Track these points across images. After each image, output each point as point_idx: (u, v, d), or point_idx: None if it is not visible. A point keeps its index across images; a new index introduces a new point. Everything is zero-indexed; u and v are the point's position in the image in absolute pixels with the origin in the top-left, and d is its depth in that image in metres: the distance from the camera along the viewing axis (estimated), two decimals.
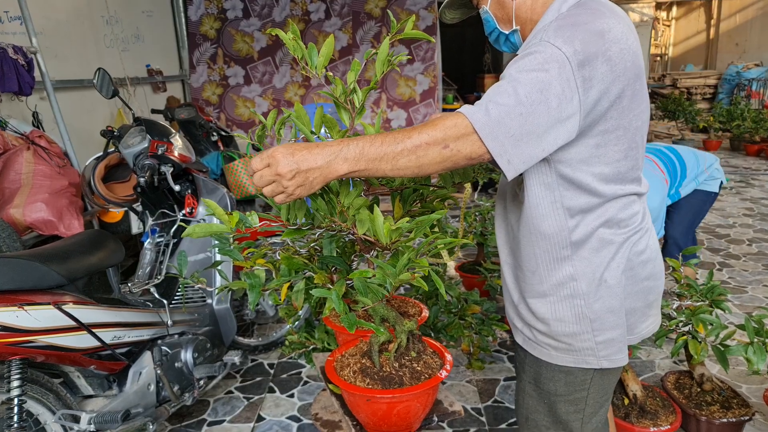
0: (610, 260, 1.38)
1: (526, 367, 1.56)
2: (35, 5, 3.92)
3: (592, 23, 1.24)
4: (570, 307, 1.40)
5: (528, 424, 1.60)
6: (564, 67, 1.18)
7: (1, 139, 3.34)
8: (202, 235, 1.27)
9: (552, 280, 1.41)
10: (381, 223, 1.27)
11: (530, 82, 1.17)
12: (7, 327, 1.76)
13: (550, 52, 1.19)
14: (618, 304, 1.40)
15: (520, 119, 1.16)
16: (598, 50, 1.20)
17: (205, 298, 2.72)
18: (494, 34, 1.52)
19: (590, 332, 1.40)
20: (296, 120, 1.40)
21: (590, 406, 1.51)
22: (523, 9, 1.41)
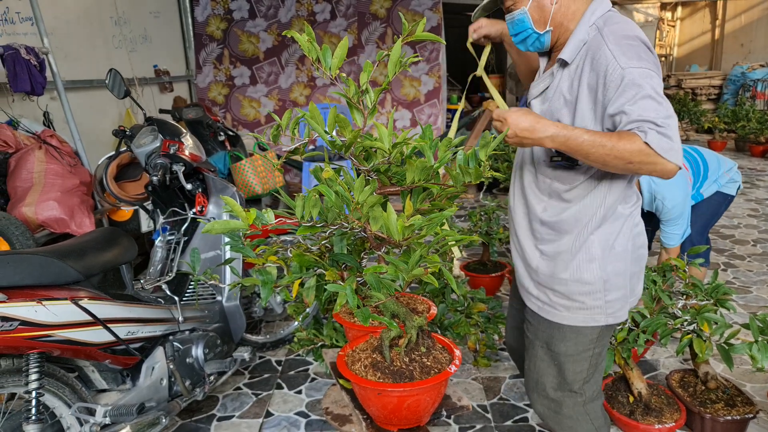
0: (619, 230, 1.67)
1: (539, 333, 1.80)
2: (46, 6, 3.97)
3: (634, 33, 1.55)
4: (588, 269, 1.67)
5: (537, 387, 1.84)
6: (652, 77, 1.46)
7: (13, 139, 3.39)
8: (220, 231, 1.31)
9: (576, 246, 1.67)
10: (394, 220, 1.31)
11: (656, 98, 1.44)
12: (26, 321, 1.80)
13: (638, 73, 1.45)
14: (623, 267, 1.69)
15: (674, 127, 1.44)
16: (652, 55, 1.52)
17: (215, 296, 2.76)
18: (525, 33, 1.67)
19: (602, 291, 1.68)
20: (310, 120, 1.44)
21: (591, 366, 1.78)
22: (559, 13, 1.62)
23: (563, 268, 1.70)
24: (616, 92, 1.47)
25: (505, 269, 4.05)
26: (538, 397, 1.87)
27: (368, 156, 1.60)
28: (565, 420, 1.83)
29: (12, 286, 1.86)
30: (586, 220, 1.67)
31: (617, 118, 1.48)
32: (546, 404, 1.85)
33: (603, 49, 1.51)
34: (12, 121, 3.59)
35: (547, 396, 1.84)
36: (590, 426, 1.84)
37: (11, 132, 3.40)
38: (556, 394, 1.82)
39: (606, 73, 1.49)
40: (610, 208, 1.65)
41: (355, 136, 1.41)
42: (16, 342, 1.79)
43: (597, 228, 1.67)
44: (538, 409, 1.89)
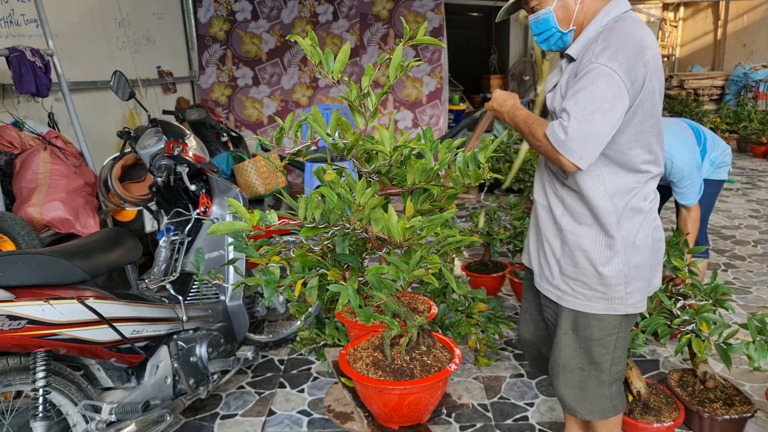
0: (640, 225, 1.78)
1: (562, 321, 1.90)
2: (51, 8, 4.00)
3: (633, 33, 1.62)
4: (610, 262, 1.77)
5: (564, 369, 1.94)
6: (612, 78, 1.56)
7: (18, 140, 3.42)
8: (225, 232, 1.34)
9: (599, 239, 1.77)
10: (395, 221, 1.34)
11: (588, 102, 1.57)
12: (33, 320, 1.83)
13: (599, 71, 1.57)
14: (644, 261, 1.81)
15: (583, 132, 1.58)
16: (638, 58, 1.59)
17: (218, 295, 2.79)
18: (548, 33, 1.77)
19: (623, 284, 1.78)
20: (313, 123, 1.46)
21: (618, 349, 1.88)
22: (582, 13, 1.72)
23: (586, 261, 1.80)
24: (577, 78, 1.63)
25: (505, 269, 4.08)
26: (564, 379, 1.96)
27: (370, 158, 1.62)
28: (588, 398, 1.94)
29: (20, 286, 1.89)
30: (606, 213, 1.76)
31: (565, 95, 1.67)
32: (571, 384, 1.95)
33: (594, 44, 1.64)
34: (17, 123, 3.62)
35: (573, 377, 1.93)
36: (609, 403, 1.95)
37: (16, 133, 3.44)
38: (582, 374, 1.92)
39: (583, 62, 1.64)
40: (622, 206, 1.76)
41: (357, 138, 1.44)
42: (23, 340, 1.82)
43: (618, 223, 1.76)
44: (562, 392, 1.98)
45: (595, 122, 1.56)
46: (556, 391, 2.01)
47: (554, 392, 2.04)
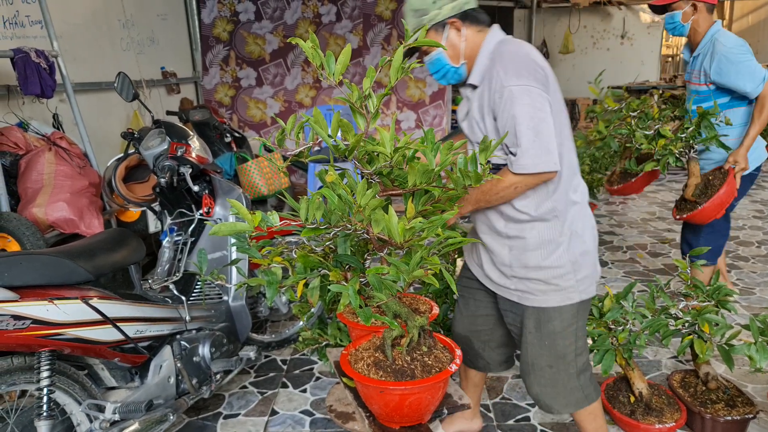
0: (576, 215, 1.93)
1: (525, 321, 2.01)
2: (55, 10, 4.02)
3: (519, 50, 1.82)
4: (557, 254, 1.90)
5: (533, 368, 2.04)
6: (529, 91, 1.74)
7: (23, 141, 3.44)
8: (227, 233, 1.35)
9: (542, 236, 1.90)
10: (395, 222, 1.34)
11: (524, 120, 1.73)
12: (38, 320, 1.84)
13: (516, 92, 1.73)
14: (587, 247, 1.95)
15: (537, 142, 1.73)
16: (535, 66, 1.78)
17: (221, 296, 2.81)
18: (444, 70, 1.94)
19: (573, 272, 1.92)
20: (314, 125, 1.47)
21: (579, 338, 2.02)
22: (467, 48, 1.90)
23: (535, 258, 1.92)
24: (500, 107, 1.78)
25: None
26: (535, 377, 2.06)
27: (371, 159, 1.63)
28: (560, 393, 2.04)
29: (24, 286, 1.90)
30: (545, 211, 1.89)
31: (503, 131, 1.78)
32: (542, 383, 2.05)
33: (494, 70, 1.81)
34: (22, 123, 3.64)
35: (543, 375, 2.03)
36: (581, 394, 2.06)
37: (21, 134, 3.46)
38: (551, 371, 2.02)
39: (495, 90, 1.79)
40: (559, 200, 1.90)
41: (358, 140, 1.45)
42: (28, 340, 1.83)
43: (557, 216, 1.90)
44: (535, 391, 2.08)
45: (543, 130, 1.73)
46: (530, 391, 2.10)
47: (528, 392, 2.13)
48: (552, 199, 1.90)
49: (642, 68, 13.66)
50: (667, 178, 7.73)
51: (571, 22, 13.28)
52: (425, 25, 1.83)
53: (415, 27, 1.88)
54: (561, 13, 13.27)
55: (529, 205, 1.90)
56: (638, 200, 6.74)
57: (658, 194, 7.01)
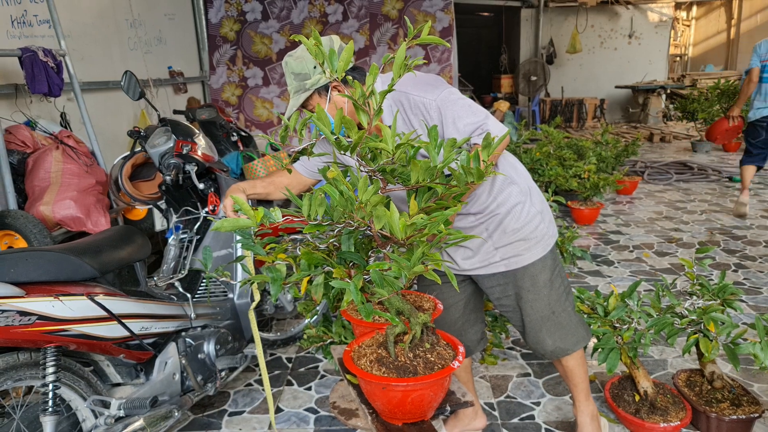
0: (521, 176, 2.14)
1: (520, 283, 2.14)
2: (63, 9, 4.05)
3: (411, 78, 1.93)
4: (525, 211, 2.08)
5: (544, 321, 2.17)
6: (451, 92, 1.93)
7: (31, 139, 3.47)
8: (229, 229, 1.35)
9: (508, 204, 2.07)
10: (396, 218, 1.35)
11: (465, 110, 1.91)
12: (44, 316, 1.86)
13: (442, 98, 1.90)
14: (540, 197, 2.17)
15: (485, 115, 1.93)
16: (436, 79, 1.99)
17: (226, 293, 2.82)
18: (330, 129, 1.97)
19: (542, 221, 2.12)
20: (317, 122, 1.48)
21: (563, 277, 2.22)
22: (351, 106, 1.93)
23: (510, 223, 2.07)
24: (442, 116, 1.90)
25: None
26: (546, 330, 2.18)
27: (374, 156, 1.64)
28: (569, 333, 2.20)
29: (30, 282, 1.92)
30: (499, 185, 2.06)
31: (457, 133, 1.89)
32: (553, 330, 2.18)
33: (410, 98, 1.92)
34: (30, 122, 3.67)
35: (552, 322, 2.18)
36: (583, 330, 2.25)
37: (29, 132, 3.49)
38: (554, 316, 2.18)
39: (425, 109, 1.91)
40: (506, 170, 2.08)
41: (360, 137, 1.45)
42: (33, 336, 1.85)
43: (513, 184, 2.08)
44: (549, 343, 2.20)
45: (482, 108, 1.94)
46: (545, 345, 2.21)
47: (541, 351, 2.23)
48: (500, 170, 2.08)
49: (650, 68, 13.61)
50: (675, 177, 7.70)
51: (578, 21, 13.24)
52: (308, 88, 1.90)
53: (296, 89, 1.93)
54: (568, 12, 13.25)
55: (485, 189, 2.06)
56: (645, 200, 6.71)
57: (665, 194, 6.98)
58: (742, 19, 14.74)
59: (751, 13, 14.40)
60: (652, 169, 8.09)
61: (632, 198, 6.78)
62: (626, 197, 6.83)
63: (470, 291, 2.33)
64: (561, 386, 2.93)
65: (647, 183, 7.60)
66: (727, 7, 15.59)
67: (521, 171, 2.17)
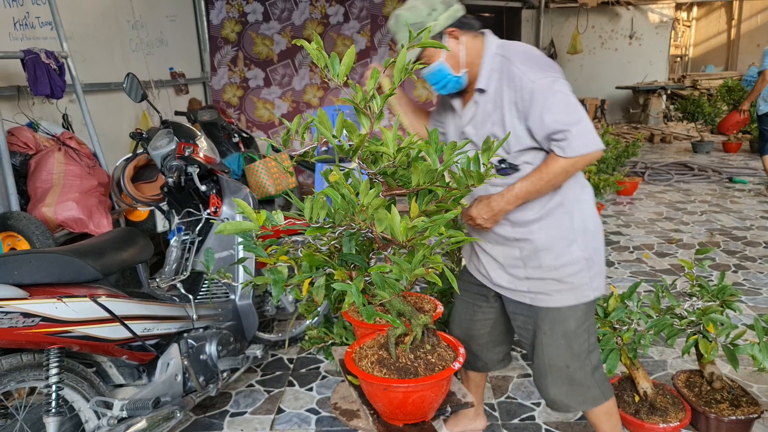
0: (586, 213, 1.94)
1: (539, 323, 2.00)
2: (65, 11, 4.06)
3: (531, 50, 1.87)
4: (571, 252, 1.91)
5: (551, 369, 2.03)
6: (558, 82, 1.77)
7: (33, 141, 3.48)
8: (232, 232, 1.37)
9: (553, 234, 1.91)
10: (398, 221, 1.36)
11: (562, 105, 1.76)
12: (47, 317, 1.87)
13: (545, 84, 1.76)
14: (599, 244, 1.98)
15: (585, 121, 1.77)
16: (550, 61, 1.83)
17: (228, 294, 2.83)
18: (445, 80, 1.92)
19: (586, 269, 1.93)
20: (319, 125, 1.49)
21: (591, 335, 2.03)
22: (468, 55, 1.90)
23: (548, 257, 1.93)
24: (531, 102, 1.77)
25: None
26: (552, 379, 2.04)
27: (375, 159, 1.65)
28: (577, 392, 2.03)
29: (33, 284, 1.93)
30: (551, 205, 1.91)
31: (539, 125, 1.79)
32: (560, 383, 2.03)
33: (513, 70, 1.82)
34: (32, 124, 3.69)
35: (561, 375, 2.02)
36: (597, 391, 2.05)
37: (31, 134, 3.50)
38: (568, 370, 2.01)
39: (521, 88, 1.79)
40: (567, 196, 1.91)
41: (362, 140, 1.46)
42: (37, 337, 1.86)
43: (566, 212, 1.92)
44: (552, 392, 2.05)
45: (581, 113, 1.77)
46: (545, 393, 2.08)
47: (542, 396, 2.11)
48: (560, 194, 1.91)
49: (650, 68, 13.61)
50: (675, 178, 7.71)
51: (579, 22, 13.25)
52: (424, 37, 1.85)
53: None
54: (569, 13, 13.25)
55: (534, 204, 1.91)
56: (646, 200, 6.72)
57: (665, 194, 6.99)
58: (742, 20, 14.74)
59: (751, 14, 14.40)
60: (653, 170, 8.10)
61: (632, 199, 6.79)
62: (626, 198, 6.84)
63: (500, 308, 2.21)
64: None
65: (647, 184, 7.61)
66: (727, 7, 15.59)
67: (586, 206, 1.96)
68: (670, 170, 8.06)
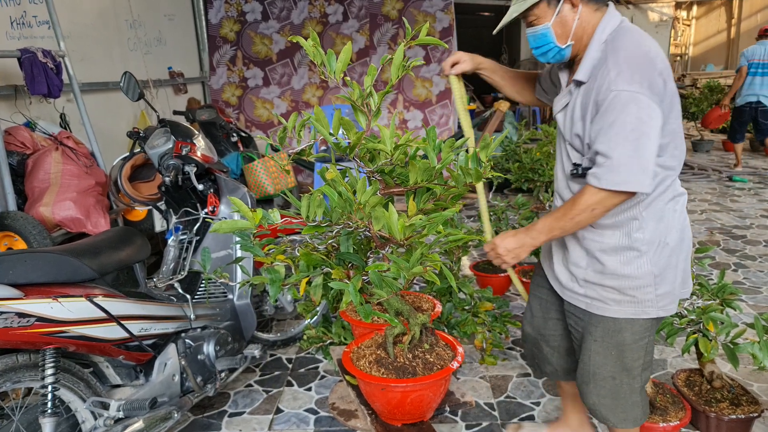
0: (669, 226, 1.75)
1: (591, 329, 1.87)
2: (62, 10, 4.05)
3: (638, 49, 1.62)
4: (637, 264, 1.74)
5: (594, 378, 1.90)
6: (638, 101, 1.54)
7: (30, 140, 3.47)
8: (228, 230, 1.35)
9: (623, 242, 1.74)
10: (395, 219, 1.35)
11: (623, 131, 1.56)
12: (42, 318, 1.86)
13: (623, 98, 1.55)
14: (675, 261, 1.78)
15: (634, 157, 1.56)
16: (653, 71, 1.59)
17: (226, 294, 2.82)
18: (546, 47, 1.75)
19: (653, 285, 1.75)
20: (315, 122, 1.48)
21: (648, 353, 1.87)
22: (579, 28, 1.71)
23: (612, 263, 1.77)
24: (601, 110, 1.61)
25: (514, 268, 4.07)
26: (595, 387, 1.91)
27: (373, 157, 1.64)
28: (619, 407, 1.90)
29: (29, 284, 1.92)
30: (628, 216, 1.74)
31: (594, 136, 1.63)
32: (602, 393, 1.91)
33: (604, 68, 1.63)
34: (29, 123, 3.67)
35: (605, 386, 1.89)
36: (640, 411, 1.93)
37: (29, 133, 3.48)
38: (614, 382, 1.88)
39: (601, 90, 1.61)
40: (651, 204, 1.73)
41: (359, 138, 1.45)
42: (32, 337, 1.85)
43: (642, 224, 1.74)
44: (592, 400, 1.94)
45: (643, 146, 1.56)
46: (586, 400, 1.96)
47: (583, 401, 1.99)
48: (643, 204, 1.74)
49: None
50: None
51: None
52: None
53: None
54: None
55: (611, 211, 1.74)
56: None
57: None
58: (742, 19, 14.72)
59: (751, 13, 14.39)
60: None
61: None
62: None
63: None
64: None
65: None
66: (727, 6, 15.58)
67: (668, 220, 1.75)
68: None
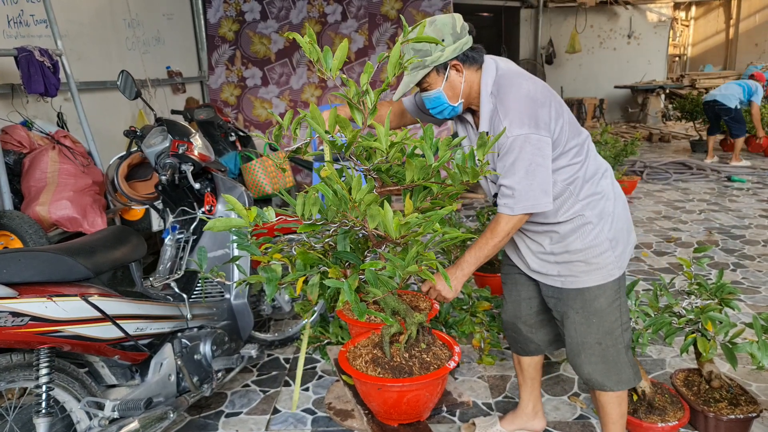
0: (606, 197, 2.04)
1: (570, 302, 2.09)
2: (60, 8, 4.04)
3: (519, 93, 1.85)
4: (595, 234, 1.99)
5: (583, 347, 2.10)
6: (529, 140, 1.81)
7: (27, 139, 3.46)
8: (222, 228, 1.34)
9: (577, 221, 2.00)
10: (390, 217, 1.34)
11: (522, 166, 1.81)
12: (37, 317, 1.84)
13: (518, 142, 1.80)
14: (622, 224, 2.06)
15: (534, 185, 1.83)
16: (535, 107, 1.83)
17: (223, 294, 2.80)
18: (441, 107, 1.99)
19: (611, 249, 2.01)
20: (311, 121, 1.47)
21: (623, 313, 2.10)
22: (466, 87, 1.95)
23: (574, 242, 2.01)
24: (502, 155, 1.85)
25: None
26: (585, 356, 2.11)
27: (370, 156, 1.63)
28: (611, 369, 2.10)
29: (23, 283, 1.90)
30: (569, 214, 1.99)
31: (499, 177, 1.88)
32: (593, 360, 2.10)
33: (497, 118, 1.87)
34: (26, 122, 3.66)
35: (594, 352, 2.09)
36: (631, 371, 2.14)
37: (25, 132, 3.47)
38: (601, 347, 2.09)
39: (503, 137, 1.83)
40: (583, 199, 1.99)
41: (355, 136, 1.44)
42: (26, 337, 1.83)
43: (586, 202, 1.99)
44: (587, 370, 2.12)
45: (540, 174, 1.83)
46: (581, 371, 2.14)
47: (578, 373, 2.16)
48: (578, 202, 2.00)
49: (649, 68, 13.61)
50: (674, 177, 7.69)
51: (577, 21, 13.24)
52: (427, 65, 1.87)
53: (414, 66, 1.87)
54: (567, 12, 13.24)
55: (549, 215, 1.99)
56: (644, 199, 6.70)
57: (664, 193, 6.97)
58: (740, 19, 14.73)
59: (749, 13, 14.39)
60: (651, 169, 8.09)
61: (631, 198, 6.77)
62: (627, 197, 6.83)
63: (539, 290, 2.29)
64: (559, 386, 2.92)
65: (646, 182, 7.59)
66: (725, 7, 15.59)
67: (602, 202, 2.04)
68: (669, 169, 8.05)
